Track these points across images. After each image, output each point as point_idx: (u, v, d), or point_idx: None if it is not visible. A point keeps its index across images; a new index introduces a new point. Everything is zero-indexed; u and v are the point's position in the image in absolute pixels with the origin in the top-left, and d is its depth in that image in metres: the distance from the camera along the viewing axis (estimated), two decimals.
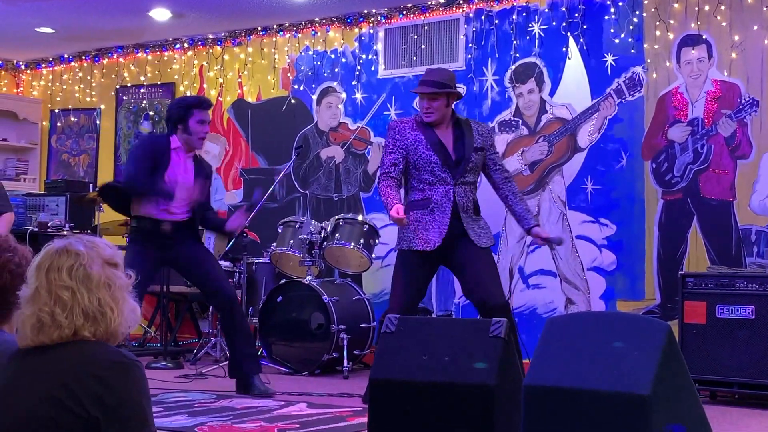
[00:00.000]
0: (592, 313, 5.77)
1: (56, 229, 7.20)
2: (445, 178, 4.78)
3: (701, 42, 6.04)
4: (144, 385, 1.99)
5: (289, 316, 6.41)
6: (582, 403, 2.98)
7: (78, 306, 1.96)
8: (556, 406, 3.03)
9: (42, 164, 9.10)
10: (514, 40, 6.69)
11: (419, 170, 4.82)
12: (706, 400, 5.30)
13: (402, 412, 3.39)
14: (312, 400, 5.05)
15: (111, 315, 2.00)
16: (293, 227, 6.62)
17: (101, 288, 2.00)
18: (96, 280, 2.00)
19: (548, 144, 6.53)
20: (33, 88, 9.16)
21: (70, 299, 1.96)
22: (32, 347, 1.99)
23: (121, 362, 1.95)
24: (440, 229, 4.74)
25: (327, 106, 7.54)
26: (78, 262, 2.00)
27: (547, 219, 6.47)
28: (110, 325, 2.00)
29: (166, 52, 8.32)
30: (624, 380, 2.93)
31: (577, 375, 3.03)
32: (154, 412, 4.47)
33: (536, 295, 6.45)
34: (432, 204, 4.78)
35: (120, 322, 2.02)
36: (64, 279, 1.97)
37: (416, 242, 4.77)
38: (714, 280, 5.31)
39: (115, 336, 2.03)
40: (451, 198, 4.77)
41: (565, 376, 3.04)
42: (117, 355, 1.97)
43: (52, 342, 1.97)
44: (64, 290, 1.97)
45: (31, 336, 1.97)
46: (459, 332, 3.46)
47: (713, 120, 5.95)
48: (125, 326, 2.05)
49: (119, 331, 2.03)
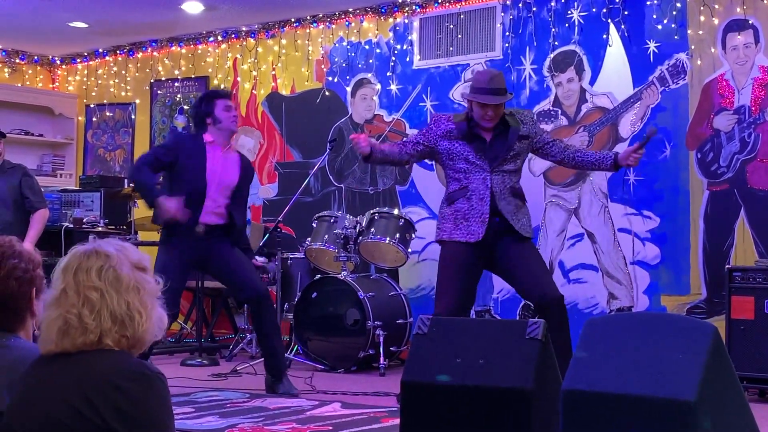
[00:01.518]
0: (634, 313, 5.60)
1: (91, 225, 7.19)
2: (482, 165, 4.59)
3: (747, 27, 5.82)
4: (166, 397, 1.93)
5: (324, 312, 6.32)
6: (623, 410, 2.84)
7: (106, 308, 1.90)
8: (595, 412, 2.89)
9: (78, 160, 9.11)
10: (553, 27, 6.51)
11: (453, 159, 4.64)
12: (755, 398, 5.13)
13: (435, 417, 3.27)
14: (346, 400, 4.95)
15: (139, 320, 1.93)
16: (328, 222, 6.52)
17: (130, 291, 1.94)
18: (126, 283, 1.93)
19: (589, 134, 6.35)
20: (68, 83, 9.16)
21: (98, 301, 1.90)
22: (54, 354, 1.93)
23: (144, 374, 1.89)
24: (482, 218, 4.53)
25: (362, 98, 7.43)
26: (108, 264, 1.93)
27: (588, 212, 6.30)
28: (137, 330, 1.93)
29: (200, 45, 8.26)
30: (668, 385, 2.79)
31: (618, 379, 2.89)
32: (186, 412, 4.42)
33: (577, 290, 6.28)
34: (470, 192, 4.58)
35: (147, 328, 1.95)
36: (93, 280, 1.91)
37: (457, 233, 4.58)
38: (762, 274, 5.13)
39: (141, 342, 1.96)
40: (488, 185, 4.56)
41: (606, 380, 2.90)
42: (140, 366, 1.90)
43: (76, 348, 1.90)
44: (92, 291, 1.90)
45: (56, 340, 1.91)
46: (494, 334, 3.32)
47: (761, 108, 5.74)
48: (152, 333, 1.98)
49: (146, 338, 1.96)
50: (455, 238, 4.58)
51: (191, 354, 6.71)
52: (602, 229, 6.25)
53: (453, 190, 4.66)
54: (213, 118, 5.08)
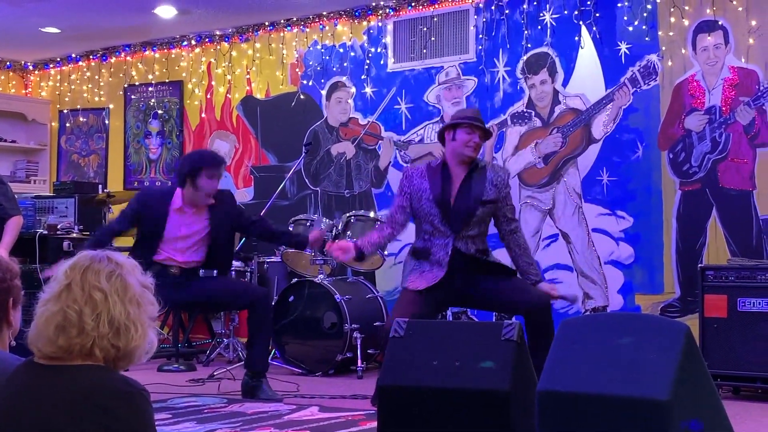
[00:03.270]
0: (608, 314, 5.65)
1: (66, 232, 7.13)
2: (445, 232, 4.64)
3: (717, 28, 5.89)
4: (150, 416, 1.92)
5: (301, 316, 6.32)
6: (598, 409, 2.87)
7: (107, 312, 1.89)
8: (571, 413, 2.92)
9: (52, 165, 9.05)
10: (526, 29, 6.55)
11: (420, 221, 4.73)
12: (729, 395, 5.18)
13: (412, 419, 3.29)
14: (324, 403, 4.96)
15: (134, 333, 1.93)
16: (304, 225, 6.52)
17: (133, 303, 1.94)
18: (131, 293, 1.94)
19: (562, 135, 6.39)
20: (41, 88, 9.10)
21: (101, 303, 1.89)
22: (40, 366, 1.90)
23: (128, 392, 1.88)
24: (434, 277, 4.62)
25: (336, 101, 7.44)
26: (118, 271, 1.95)
27: (562, 212, 6.34)
28: (130, 343, 1.92)
29: (174, 49, 8.24)
30: (642, 385, 2.82)
31: (592, 379, 2.92)
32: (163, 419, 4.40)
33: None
34: (431, 255, 4.67)
35: (138, 345, 1.95)
36: (101, 281, 1.91)
37: (409, 283, 4.69)
38: (734, 273, 5.18)
39: (129, 358, 1.95)
40: (449, 252, 4.62)
41: (580, 380, 2.93)
42: (124, 384, 1.89)
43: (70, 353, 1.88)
44: (97, 291, 1.90)
45: (52, 336, 1.88)
46: (470, 336, 3.35)
47: (731, 108, 5.80)
48: (140, 353, 1.97)
49: (134, 354, 1.95)
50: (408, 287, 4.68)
51: (168, 359, 6.68)
52: (577, 229, 6.29)
53: (418, 247, 4.75)
54: (193, 181, 5.05)
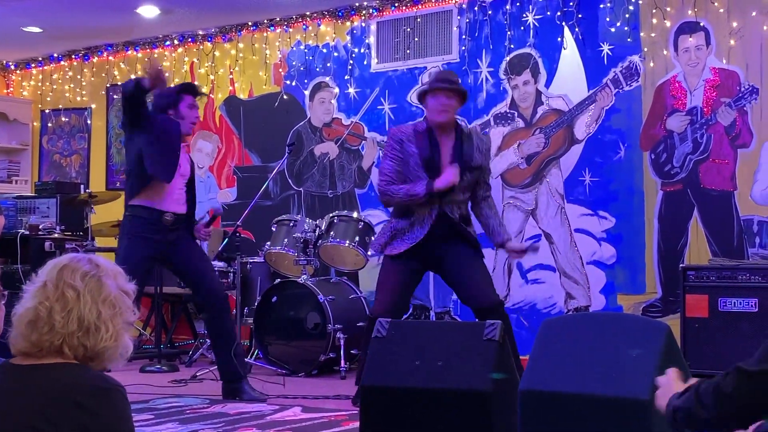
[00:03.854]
0: (588, 314, 5.67)
1: (47, 232, 7.11)
2: (430, 198, 4.64)
3: (699, 29, 5.92)
4: (126, 411, 1.91)
5: (284, 317, 6.31)
6: (580, 409, 2.89)
7: (77, 311, 1.89)
8: (553, 412, 2.93)
9: (34, 165, 9.00)
10: (509, 30, 6.57)
11: (407, 183, 4.70)
12: None
13: (394, 419, 3.29)
14: (307, 404, 4.95)
15: (104, 334, 1.91)
16: (287, 226, 6.51)
17: (107, 305, 1.93)
18: (105, 295, 1.93)
19: (545, 136, 6.41)
20: (23, 88, 9.06)
21: (72, 300, 1.89)
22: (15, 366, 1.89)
23: (104, 388, 1.86)
24: (411, 242, 4.65)
25: (320, 102, 7.43)
26: (95, 272, 1.94)
27: (545, 213, 6.36)
28: (99, 344, 1.91)
29: (156, 49, 8.21)
30: (623, 384, 2.84)
31: (574, 379, 2.94)
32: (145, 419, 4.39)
33: (535, 290, 6.34)
34: (413, 218, 4.68)
35: (109, 346, 1.93)
36: (76, 280, 1.91)
37: (387, 248, 4.73)
38: (716, 273, 5.22)
39: (99, 359, 1.94)
40: (433, 217, 4.65)
41: (562, 380, 2.95)
42: (99, 380, 1.88)
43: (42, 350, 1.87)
44: (70, 289, 1.90)
45: (24, 332, 1.88)
46: (452, 336, 3.36)
47: (712, 109, 5.83)
48: (112, 356, 1.95)
49: (105, 356, 1.94)
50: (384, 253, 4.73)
51: (150, 360, 6.66)
52: (559, 230, 6.31)
53: (401, 208, 4.74)
54: (176, 112, 5.02)
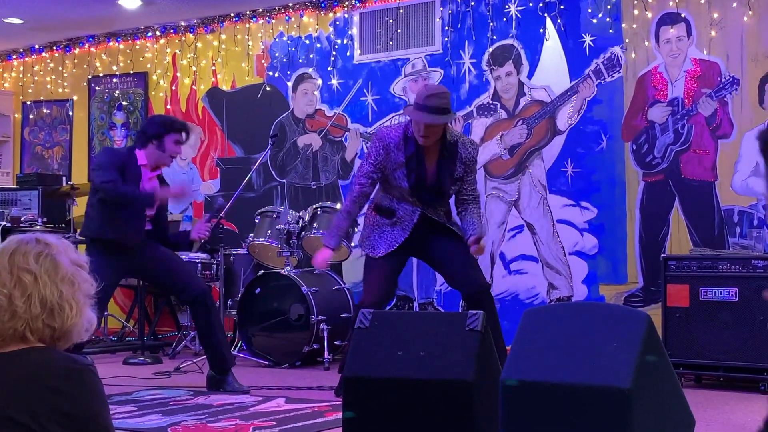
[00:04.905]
0: (570, 303, 5.70)
1: (29, 224, 7.07)
2: (414, 202, 4.66)
3: (680, 20, 5.95)
4: (100, 389, 1.88)
5: (268, 308, 6.31)
6: (561, 398, 2.90)
7: (38, 293, 1.85)
8: (534, 402, 2.95)
9: (15, 157, 8.95)
10: (491, 22, 6.58)
11: (390, 186, 4.69)
12: (691, 384, 5.25)
13: (377, 410, 3.30)
14: (291, 395, 4.96)
15: (69, 313, 1.88)
16: (270, 217, 6.51)
17: (65, 283, 1.89)
18: (62, 273, 1.89)
19: (527, 127, 6.43)
20: (4, 79, 9.00)
21: (31, 284, 1.85)
22: None
23: (74, 369, 1.84)
24: (391, 244, 4.67)
25: (303, 93, 7.42)
26: (47, 251, 1.89)
27: (527, 203, 6.38)
28: (66, 323, 1.88)
29: (138, 40, 8.17)
30: (603, 373, 2.86)
31: (555, 369, 2.95)
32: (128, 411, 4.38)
33: (518, 280, 6.37)
34: (396, 218, 4.69)
35: (76, 323, 1.90)
36: (30, 263, 1.86)
37: (366, 246, 4.77)
38: (696, 263, 5.24)
39: (68, 337, 1.91)
40: (415, 220, 4.67)
41: (543, 370, 2.96)
42: (68, 362, 1.85)
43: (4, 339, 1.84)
44: (26, 273, 1.85)
45: None
46: (435, 326, 3.36)
47: (693, 99, 5.87)
48: (79, 332, 1.93)
49: (73, 332, 1.91)
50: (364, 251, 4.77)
51: (134, 352, 6.65)
52: (542, 220, 6.34)
53: (383, 204, 4.73)
54: (160, 143, 5.02)
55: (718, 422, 4.15)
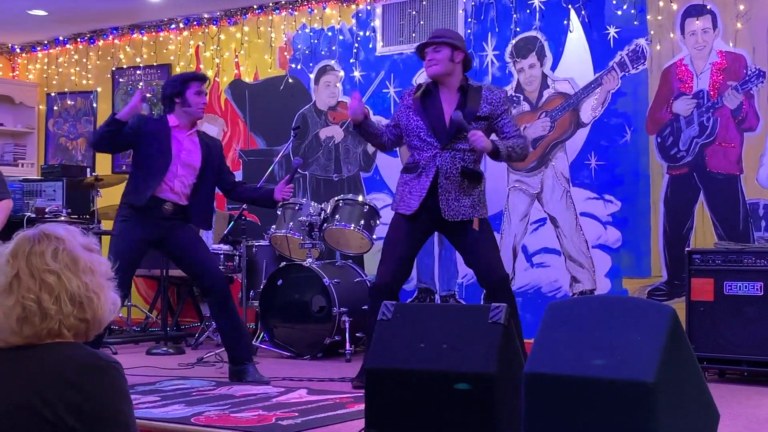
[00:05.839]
0: (594, 297, 5.65)
1: (54, 215, 7.11)
2: (431, 143, 4.74)
3: (705, 12, 5.89)
4: (123, 387, 1.86)
5: (290, 300, 6.32)
6: (584, 392, 2.89)
7: (65, 291, 1.84)
8: (557, 395, 2.93)
9: (40, 149, 9.02)
10: (514, 13, 6.55)
11: (409, 136, 4.84)
12: (715, 378, 5.22)
13: (399, 402, 3.30)
14: (313, 386, 4.97)
15: (97, 301, 1.88)
16: (293, 209, 6.52)
17: (87, 272, 1.87)
18: (82, 264, 1.87)
19: (550, 120, 6.40)
20: (29, 71, 9.06)
21: (56, 284, 1.83)
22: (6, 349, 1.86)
23: (97, 365, 1.82)
24: (420, 194, 4.74)
25: (325, 85, 7.42)
26: (62, 246, 1.87)
27: (550, 196, 6.35)
28: (97, 312, 1.88)
29: (162, 32, 8.20)
30: (627, 367, 2.84)
31: (578, 362, 2.94)
32: (151, 401, 4.41)
33: (540, 274, 6.34)
34: (419, 168, 4.76)
35: (105, 309, 1.90)
36: (49, 262, 1.84)
37: (401, 206, 4.83)
38: (721, 257, 5.21)
39: (101, 324, 1.90)
40: (436, 163, 4.72)
41: (567, 363, 2.95)
42: (91, 358, 1.83)
43: (39, 338, 1.84)
44: (49, 274, 1.83)
45: (16, 329, 1.83)
46: (457, 319, 3.36)
47: (719, 92, 5.82)
48: (109, 317, 1.92)
49: (104, 319, 1.90)
50: (398, 210, 4.85)
51: (157, 343, 6.69)
52: (564, 213, 6.31)
53: (408, 163, 4.88)
54: (183, 99, 5.09)
55: (743, 417, 4.12)
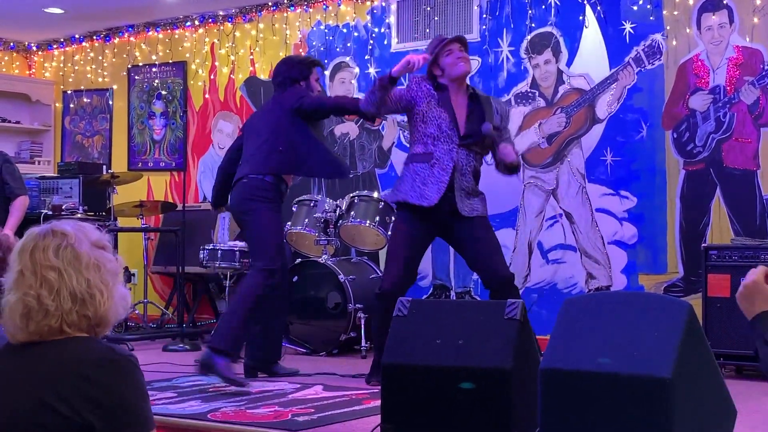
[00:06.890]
0: (610, 293, 5.66)
1: (70, 212, 7.15)
2: (452, 136, 4.68)
3: (722, 7, 5.86)
4: (140, 381, 1.87)
5: (305, 296, 6.34)
6: (600, 387, 2.89)
7: (65, 288, 1.84)
8: (573, 391, 2.93)
9: (56, 146, 9.06)
10: (530, 9, 6.53)
11: (426, 123, 4.71)
12: (732, 374, 5.20)
13: (415, 398, 3.31)
14: (328, 382, 4.98)
15: (100, 298, 1.88)
16: (308, 206, 6.53)
17: (90, 269, 1.88)
18: (85, 261, 1.88)
19: (566, 115, 6.38)
20: (45, 69, 9.10)
21: (56, 280, 1.84)
22: (20, 345, 1.88)
23: (113, 360, 1.83)
24: (439, 186, 4.64)
25: (340, 82, 7.42)
26: (65, 242, 1.88)
27: (566, 192, 6.34)
28: (99, 309, 1.88)
29: (177, 30, 8.22)
30: (644, 363, 2.84)
31: (594, 358, 2.93)
32: (168, 397, 4.43)
33: (556, 270, 6.33)
34: (433, 159, 4.67)
35: (109, 306, 1.90)
36: (51, 259, 1.85)
37: (412, 195, 4.69)
38: (738, 252, 5.19)
39: (105, 321, 1.91)
40: (453, 158, 4.66)
41: (583, 359, 2.95)
42: (107, 352, 1.84)
43: (42, 335, 1.85)
44: (50, 270, 1.84)
45: (20, 325, 1.85)
46: (473, 315, 3.36)
47: (735, 87, 5.79)
48: (115, 313, 1.93)
49: (109, 316, 1.91)
50: (409, 200, 4.67)
51: (173, 339, 6.72)
52: (580, 209, 6.29)
53: (417, 152, 4.74)
54: (307, 83, 5.16)
55: (760, 413, 4.10)
